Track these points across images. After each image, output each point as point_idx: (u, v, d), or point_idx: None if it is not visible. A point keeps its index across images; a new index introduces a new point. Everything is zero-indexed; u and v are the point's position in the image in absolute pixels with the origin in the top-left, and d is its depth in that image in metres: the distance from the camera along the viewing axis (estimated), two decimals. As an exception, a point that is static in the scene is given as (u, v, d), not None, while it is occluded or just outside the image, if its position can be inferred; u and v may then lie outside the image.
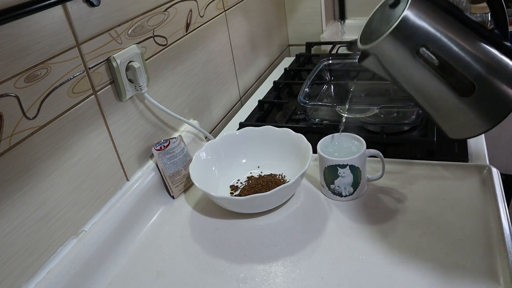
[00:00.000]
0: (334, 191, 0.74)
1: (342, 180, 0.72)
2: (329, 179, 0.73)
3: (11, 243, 0.56)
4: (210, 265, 0.65)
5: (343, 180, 0.72)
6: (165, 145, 0.81)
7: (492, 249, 0.60)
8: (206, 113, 1.03)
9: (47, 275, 0.60)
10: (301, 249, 0.66)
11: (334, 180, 0.72)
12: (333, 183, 0.73)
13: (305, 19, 1.52)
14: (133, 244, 0.72)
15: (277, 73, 1.35)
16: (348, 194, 0.73)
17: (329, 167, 0.72)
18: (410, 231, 0.65)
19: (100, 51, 0.67)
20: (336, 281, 0.59)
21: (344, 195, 0.73)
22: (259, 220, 0.73)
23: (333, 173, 0.72)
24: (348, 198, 0.74)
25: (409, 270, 0.59)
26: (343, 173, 0.71)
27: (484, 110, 0.55)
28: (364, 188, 0.75)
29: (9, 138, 0.54)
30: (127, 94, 0.73)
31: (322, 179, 0.75)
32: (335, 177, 0.72)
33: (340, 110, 0.93)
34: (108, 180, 0.72)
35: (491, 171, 0.73)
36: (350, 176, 0.71)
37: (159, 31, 0.81)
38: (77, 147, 0.65)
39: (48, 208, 0.61)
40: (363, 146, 0.72)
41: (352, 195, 0.73)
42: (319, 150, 0.73)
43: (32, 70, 0.56)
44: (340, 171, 0.71)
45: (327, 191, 0.75)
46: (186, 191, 0.84)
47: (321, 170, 0.74)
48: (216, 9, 1.03)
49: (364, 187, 0.75)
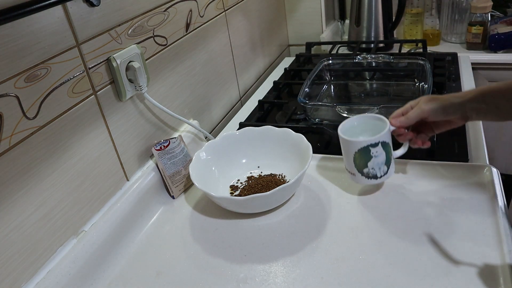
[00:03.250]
0: (368, 175, 0.71)
1: (376, 160, 0.69)
2: (362, 163, 0.70)
3: (11, 243, 0.56)
4: (210, 265, 0.65)
5: (377, 160, 0.69)
6: (165, 145, 0.81)
7: (492, 249, 0.60)
8: (206, 113, 1.03)
9: (47, 275, 0.60)
10: (301, 249, 0.66)
11: (368, 163, 0.69)
12: (366, 166, 0.70)
13: (305, 19, 1.52)
14: (133, 244, 0.72)
15: (277, 73, 1.35)
16: (383, 174, 0.71)
17: (361, 149, 0.68)
18: (410, 231, 0.65)
19: (100, 51, 0.67)
20: (336, 281, 0.59)
21: (379, 176, 0.71)
22: (259, 220, 0.73)
23: (365, 156, 0.69)
24: (383, 178, 0.71)
25: (409, 270, 0.59)
26: (375, 153, 0.68)
27: None
28: (394, 166, 0.73)
29: (9, 138, 0.54)
30: (127, 94, 0.73)
31: (352, 166, 0.71)
32: (368, 159, 0.69)
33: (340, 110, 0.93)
34: (108, 180, 0.72)
35: (491, 171, 0.73)
36: (383, 154, 0.69)
37: (159, 31, 0.81)
38: (77, 147, 0.65)
39: (48, 208, 0.61)
40: (386, 122, 0.70)
41: (387, 174, 0.71)
42: (343, 137, 0.70)
43: (32, 70, 0.56)
44: (373, 151, 0.68)
45: (360, 177, 0.72)
46: (186, 191, 0.84)
47: (349, 157, 0.71)
48: (216, 9, 1.03)
49: (394, 165, 0.72)
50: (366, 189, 0.76)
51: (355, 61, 1.13)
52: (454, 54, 1.29)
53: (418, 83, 1.06)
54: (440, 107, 0.66)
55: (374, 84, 1.13)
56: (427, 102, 0.67)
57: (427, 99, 0.67)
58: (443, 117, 0.67)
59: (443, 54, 1.30)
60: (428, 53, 1.31)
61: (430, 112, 0.66)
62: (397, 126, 0.70)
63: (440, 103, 0.66)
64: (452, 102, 0.65)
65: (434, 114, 0.66)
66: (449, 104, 0.65)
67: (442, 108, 0.66)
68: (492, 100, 0.62)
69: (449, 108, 0.65)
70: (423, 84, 0.99)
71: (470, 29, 1.36)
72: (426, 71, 0.99)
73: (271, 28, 1.41)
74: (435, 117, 0.67)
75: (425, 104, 0.67)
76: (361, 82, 1.16)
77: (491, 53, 1.35)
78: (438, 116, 0.67)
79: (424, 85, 0.96)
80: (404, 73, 1.12)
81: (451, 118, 0.68)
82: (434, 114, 0.66)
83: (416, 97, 1.02)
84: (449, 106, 0.65)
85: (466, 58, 1.29)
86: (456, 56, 1.29)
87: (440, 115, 0.67)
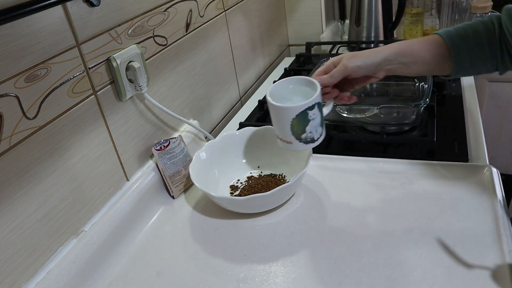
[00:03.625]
0: (306, 140, 0.68)
1: (313, 123, 0.66)
2: (300, 129, 0.66)
3: (11, 243, 0.56)
4: (210, 265, 0.65)
5: (314, 122, 0.66)
6: (165, 145, 0.81)
7: (492, 249, 0.60)
8: (206, 113, 1.03)
9: (47, 275, 0.60)
10: (301, 249, 0.66)
11: (306, 127, 0.66)
12: (304, 131, 0.67)
13: (305, 19, 1.52)
14: (133, 244, 0.72)
15: (277, 73, 1.35)
16: (319, 136, 0.68)
17: (299, 115, 0.65)
18: (410, 231, 0.65)
19: (100, 51, 0.67)
20: (336, 281, 0.59)
21: (316, 138, 0.68)
22: (259, 220, 0.73)
23: (303, 120, 0.66)
24: (320, 140, 0.69)
25: (409, 270, 0.59)
26: (313, 115, 0.65)
27: None
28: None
29: (9, 138, 0.54)
30: (127, 94, 0.73)
31: (288, 134, 0.68)
32: (306, 123, 0.66)
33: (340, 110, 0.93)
34: (108, 180, 0.72)
35: (491, 171, 0.73)
36: (319, 115, 0.66)
37: (159, 31, 0.81)
38: (77, 147, 0.65)
39: (48, 208, 0.61)
40: (316, 82, 0.67)
41: (322, 135, 0.69)
42: (278, 105, 0.66)
43: (32, 70, 0.56)
44: (310, 114, 0.65)
45: (297, 144, 0.68)
46: (186, 191, 0.84)
47: (284, 125, 0.67)
48: (216, 9, 1.03)
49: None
50: (366, 189, 0.76)
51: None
52: (454, 54, 1.29)
53: (418, 83, 1.06)
54: (363, 65, 0.68)
55: (374, 84, 1.13)
56: (349, 59, 0.68)
57: (349, 56, 0.69)
58: (365, 74, 0.69)
59: (443, 54, 1.30)
60: (428, 53, 1.30)
61: (354, 69, 0.68)
62: (322, 84, 0.68)
63: (362, 60, 0.68)
64: (373, 60, 0.68)
65: (357, 71, 0.68)
66: (370, 62, 0.68)
67: (365, 66, 0.68)
68: (403, 59, 0.68)
69: (371, 66, 0.68)
70: (423, 84, 0.99)
71: (470, 29, 1.36)
72: (426, 71, 0.99)
73: (271, 28, 1.41)
74: (357, 74, 0.69)
75: (348, 61, 0.68)
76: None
77: (491, 53, 1.35)
78: (361, 73, 0.69)
79: (424, 85, 0.96)
80: (404, 73, 1.12)
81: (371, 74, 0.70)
82: (357, 71, 0.68)
83: (416, 97, 1.03)
84: (370, 64, 0.68)
85: (466, 58, 1.29)
86: (456, 56, 1.28)
87: (363, 72, 0.69)
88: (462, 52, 0.66)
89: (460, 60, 0.66)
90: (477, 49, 0.65)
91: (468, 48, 0.66)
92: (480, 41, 0.65)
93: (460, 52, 0.66)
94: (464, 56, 0.66)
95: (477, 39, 0.65)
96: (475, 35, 0.66)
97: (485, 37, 0.65)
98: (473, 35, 0.66)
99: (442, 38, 0.67)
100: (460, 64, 0.66)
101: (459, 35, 0.66)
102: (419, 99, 0.90)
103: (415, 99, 1.02)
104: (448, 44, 0.66)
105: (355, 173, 0.80)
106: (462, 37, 0.66)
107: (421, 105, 0.85)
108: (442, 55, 0.67)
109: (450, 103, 1.01)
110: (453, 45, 0.66)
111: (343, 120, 0.94)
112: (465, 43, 0.66)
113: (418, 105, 0.85)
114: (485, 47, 0.65)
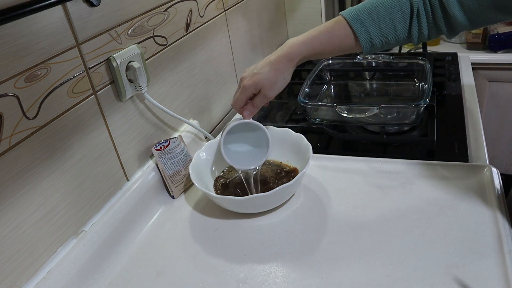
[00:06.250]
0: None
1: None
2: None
3: (11, 243, 0.56)
4: (210, 265, 0.65)
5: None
6: (165, 145, 0.81)
7: (492, 249, 0.60)
8: (206, 113, 1.03)
9: (47, 275, 0.60)
10: (301, 249, 0.66)
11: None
12: None
13: (305, 19, 1.52)
14: (133, 244, 0.72)
15: (277, 73, 1.35)
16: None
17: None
18: (410, 231, 0.65)
19: (100, 51, 0.67)
20: (336, 281, 0.59)
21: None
22: (259, 220, 0.73)
23: None
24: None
25: (409, 270, 0.59)
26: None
27: None
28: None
29: (9, 138, 0.54)
30: (127, 94, 0.73)
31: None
32: None
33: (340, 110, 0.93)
34: (108, 180, 0.72)
35: (491, 171, 0.73)
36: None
37: (159, 31, 0.81)
38: (77, 147, 0.65)
39: (48, 208, 0.61)
40: (261, 128, 0.77)
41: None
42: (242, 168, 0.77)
43: (32, 70, 0.56)
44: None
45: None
46: (186, 191, 0.84)
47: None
48: (216, 9, 1.03)
49: None
50: (366, 189, 0.76)
51: (355, 61, 1.14)
52: (454, 54, 1.29)
53: (418, 83, 1.06)
54: (282, 89, 0.75)
55: (374, 84, 1.13)
56: (269, 89, 0.74)
57: (267, 86, 0.73)
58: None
59: (443, 54, 1.30)
60: (428, 53, 1.31)
61: (274, 95, 0.75)
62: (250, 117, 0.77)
63: (281, 87, 0.75)
64: (286, 81, 0.74)
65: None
66: (286, 83, 0.75)
67: (281, 90, 0.75)
68: (313, 57, 0.75)
69: (284, 87, 0.75)
70: (423, 84, 0.99)
71: (470, 29, 1.36)
72: (426, 71, 0.99)
73: (271, 28, 1.41)
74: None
75: (270, 91, 0.74)
76: (361, 82, 1.16)
77: (491, 53, 1.35)
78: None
79: (424, 85, 0.96)
80: (404, 73, 1.12)
81: None
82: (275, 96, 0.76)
83: (416, 97, 1.03)
84: (284, 86, 0.75)
85: (466, 58, 1.29)
86: (456, 56, 1.29)
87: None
88: (365, 24, 0.68)
89: (364, 33, 0.69)
90: (383, 18, 0.68)
91: (371, 19, 0.68)
92: (386, 10, 0.67)
93: (364, 23, 0.68)
94: (370, 28, 0.68)
95: (382, 10, 0.68)
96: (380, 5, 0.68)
97: (394, 5, 0.67)
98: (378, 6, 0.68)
99: (344, 18, 0.70)
100: (366, 36, 0.69)
101: (363, 9, 0.69)
102: (419, 99, 0.90)
103: (415, 99, 1.02)
104: (350, 22, 0.68)
105: (355, 173, 0.80)
106: (367, 11, 0.68)
107: (421, 105, 0.85)
108: (348, 35, 0.70)
109: (450, 103, 1.01)
110: (353, 20, 0.68)
111: (343, 120, 0.94)
112: (368, 14, 0.68)
113: (418, 105, 0.85)
114: (395, 15, 0.67)
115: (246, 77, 0.74)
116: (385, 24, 0.67)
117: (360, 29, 0.68)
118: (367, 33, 0.68)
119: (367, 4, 0.69)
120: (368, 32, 0.68)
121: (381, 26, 0.68)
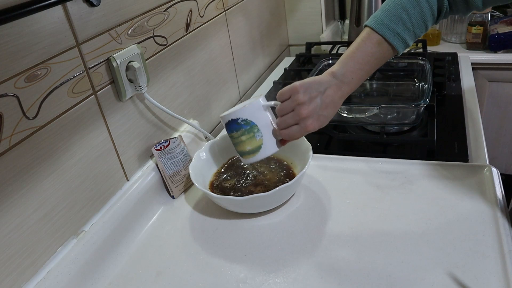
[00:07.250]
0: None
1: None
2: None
3: (11, 243, 0.56)
4: (210, 265, 0.65)
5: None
6: (165, 145, 0.81)
7: (492, 249, 0.60)
8: (206, 113, 1.03)
9: (47, 275, 0.60)
10: (301, 249, 0.66)
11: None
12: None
13: (305, 19, 1.52)
14: (133, 244, 0.72)
15: (277, 73, 1.35)
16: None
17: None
18: (410, 231, 0.65)
19: (100, 51, 0.67)
20: (336, 281, 0.59)
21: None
22: (259, 220, 0.73)
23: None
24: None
25: (409, 270, 0.59)
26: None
27: None
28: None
29: (9, 138, 0.54)
30: (127, 94, 0.73)
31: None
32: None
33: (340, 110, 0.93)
34: (108, 180, 0.72)
35: (491, 171, 0.73)
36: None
37: (159, 31, 0.81)
38: (77, 147, 0.65)
39: (48, 208, 0.61)
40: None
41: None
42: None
43: (32, 70, 0.56)
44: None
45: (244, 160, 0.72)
46: (186, 191, 0.84)
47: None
48: (216, 9, 1.03)
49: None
50: (366, 189, 0.76)
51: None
52: (454, 54, 1.29)
53: (418, 83, 1.06)
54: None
55: (374, 84, 1.13)
56: (326, 114, 0.66)
57: (323, 109, 0.65)
58: None
59: (443, 54, 1.30)
60: (428, 53, 1.31)
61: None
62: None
63: (335, 110, 0.67)
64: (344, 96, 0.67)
65: None
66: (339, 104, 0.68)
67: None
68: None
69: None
70: (423, 84, 0.99)
71: (470, 29, 1.36)
72: (426, 71, 0.99)
73: (271, 28, 1.41)
74: None
75: (327, 116, 0.66)
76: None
77: (491, 53, 1.35)
78: None
79: (424, 85, 0.96)
80: (404, 73, 1.12)
81: None
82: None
83: (416, 97, 1.03)
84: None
85: (466, 58, 1.29)
86: (456, 56, 1.29)
87: None
88: (392, 28, 0.66)
89: (395, 36, 0.66)
90: (405, 17, 0.66)
91: (396, 21, 0.66)
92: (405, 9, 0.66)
93: (391, 28, 0.66)
94: (398, 30, 0.66)
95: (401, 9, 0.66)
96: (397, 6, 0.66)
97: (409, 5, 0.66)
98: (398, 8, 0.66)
99: (371, 29, 0.67)
100: (397, 38, 0.66)
101: (385, 14, 0.66)
102: (419, 99, 0.90)
103: (415, 99, 1.02)
104: (378, 30, 0.66)
105: (355, 173, 0.80)
106: (389, 15, 0.66)
107: (421, 105, 0.85)
108: (380, 44, 0.66)
109: (450, 103, 1.01)
110: (381, 28, 0.66)
111: (343, 120, 0.94)
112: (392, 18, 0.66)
113: (418, 105, 0.85)
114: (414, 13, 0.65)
115: (305, 107, 0.63)
116: (418, 26, 0.67)
117: (391, 35, 0.66)
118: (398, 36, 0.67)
119: (388, 6, 0.67)
120: (399, 35, 0.67)
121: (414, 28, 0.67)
